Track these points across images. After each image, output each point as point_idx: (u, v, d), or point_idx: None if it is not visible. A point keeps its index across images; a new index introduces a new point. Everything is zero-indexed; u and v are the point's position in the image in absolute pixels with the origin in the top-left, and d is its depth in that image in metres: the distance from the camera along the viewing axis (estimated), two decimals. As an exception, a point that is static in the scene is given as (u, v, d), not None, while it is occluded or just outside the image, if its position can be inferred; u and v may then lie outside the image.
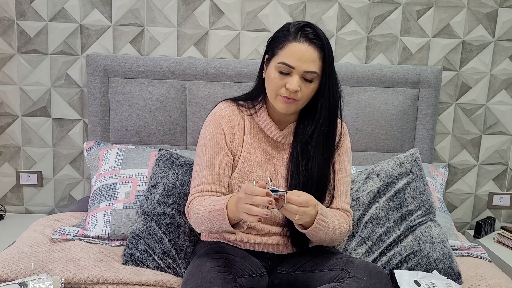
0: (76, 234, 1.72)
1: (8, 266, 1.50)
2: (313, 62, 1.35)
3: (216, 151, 1.46)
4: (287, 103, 1.38)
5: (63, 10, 2.18)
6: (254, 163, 1.48)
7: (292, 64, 1.35)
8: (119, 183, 1.86)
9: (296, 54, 1.34)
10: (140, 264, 1.62)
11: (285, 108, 1.40)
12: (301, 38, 1.35)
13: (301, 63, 1.34)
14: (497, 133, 2.36)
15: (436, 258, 1.62)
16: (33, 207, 2.37)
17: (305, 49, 1.34)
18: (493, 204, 2.43)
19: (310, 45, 1.35)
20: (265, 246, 1.49)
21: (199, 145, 1.50)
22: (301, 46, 1.35)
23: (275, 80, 1.38)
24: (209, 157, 1.45)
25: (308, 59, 1.34)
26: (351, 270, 1.31)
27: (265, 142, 1.50)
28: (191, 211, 1.43)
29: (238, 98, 1.55)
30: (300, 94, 1.37)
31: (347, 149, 1.54)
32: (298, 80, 1.35)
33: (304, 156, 1.45)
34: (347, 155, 1.53)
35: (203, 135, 1.49)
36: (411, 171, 1.74)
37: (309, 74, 1.36)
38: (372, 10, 2.22)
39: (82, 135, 2.29)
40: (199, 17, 2.20)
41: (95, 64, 2.12)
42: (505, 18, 2.24)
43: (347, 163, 1.53)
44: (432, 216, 1.72)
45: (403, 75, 2.17)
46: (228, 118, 1.48)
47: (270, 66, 1.40)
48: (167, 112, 2.14)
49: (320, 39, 1.36)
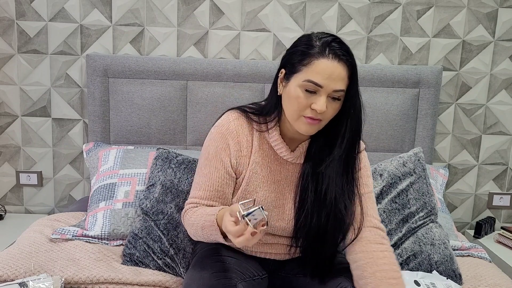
0: (75, 234, 1.73)
1: (8, 266, 1.50)
2: (342, 80, 1.25)
3: (217, 169, 1.36)
4: (311, 124, 1.27)
5: (63, 10, 2.18)
6: (259, 183, 1.39)
7: (321, 82, 1.23)
8: (118, 183, 1.86)
9: (325, 72, 1.22)
10: (139, 263, 1.62)
11: (308, 130, 1.29)
12: (329, 54, 1.23)
13: (330, 81, 1.23)
14: (497, 133, 2.36)
15: (437, 260, 1.61)
16: (33, 207, 2.37)
17: (334, 66, 1.23)
18: (493, 204, 2.43)
19: (339, 62, 1.24)
20: (267, 254, 1.47)
21: (202, 157, 1.41)
22: (330, 63, 1.23)
23: (299, 99, 1.26)
24: (209, 172, 1.37)
25: (338, 77, 1.23)
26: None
27: (274, 161, 1.40)
28: (185, 222, 1.39)
29: (249, 110, 1.42)
30: (325, 114, 1.27)
31: (365, 163, 1.43)
32: (325, 100, 1.24)
33: (315, 176, 1.35)
34: (366, 169, 1.43)
35: (207, 148, 1.39)
36: (415, 171, 1.73)
37: (336, 93, 1.25)
38: (372, 10, 2.22)
39: (82, 135, 2.29)
40: (199, 17, 2.20)
41: (95, 64, 2.12)
42: (505, 18, 2.24)
43: (367, 178, 1.42)
44: (434, 218, 1.71)
45: (403, 75, 2.16)
46: (236, 133, 1.37)
47: (292, 84, 1.27)
48: (167, 112, 2.14)
49: (349, 55, 1.26)
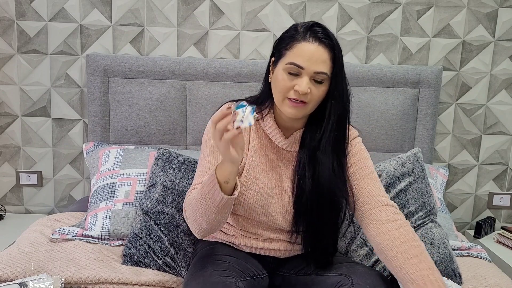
0: (75, 234, 1.72)
1: (8, 266, 1.50)
2: (323, 63, 1.28)
3: None
4: (295, 107, 1.31)
5: (63, 10, 2.18)
6: (259, 170, 1.41)
7: (302, 64, 1.27)
8: (118, 183, 1.86)
9: (305, 54, 1.27)
10: (139, 263, 1.62)
11: (294, 113, 1.32)
12: (310, 37, 1.28)
13: (310, 63, 1.27)
14: (497, 133, 2.36)
15: (436, 260, 1.61)
16: (33, 207, 2.37)
17: (315, 48, 1.27)
18: (493, 204, 2.43)
19: (320, 44, 1.28)
20: (267, 250, 1.47)
21: (203, 146, 1.43)
22: (310, 45, 1.28)
23: (283, 82, 1.30)
24: (213, 157, 1.38)
25: (318, 59, 1.27)
26: (354, 277, 1.30)
27: (270, 149, 1.44)
28: (186, 204, 1.36)
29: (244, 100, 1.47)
30: (309, 97, 1.30)
31: (360, 147, 1.46)
32: (307, 82, 1.28)
33: (311, 164, 1.38)
34: (362, 152, 1.45)
35: (207, 135, 1.42)
36: (413, 171, 1.73)
37: (319, 75, 1.28)
38: (372, 10, 2.22)
39: (82, 135, 2.29)
40: (199, 17, 2.20)
41: (95, 64, 2.11)
42: (505, 18, 2.24)
43: (365, 160, 1.43)
44: (433, 217, 1.71)
45: (403, 75, 2.17)
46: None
47: (278, 68, 1.33)
48: (167, 112, 2.14)
49: (330, 39, 1.29)
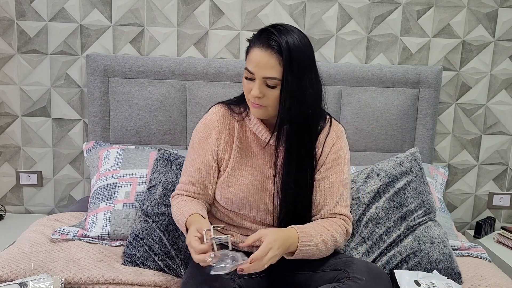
0: (76, 234, 1.72)
1: (8, 266, 1.50)
2: (272, 68, 1.30)
3: (199, 155, 1.49)
4: (256, 108, 1.37)
5: (63, 10, 2.18)
6: (245, 167, 1.48)
7: (252, 70, 1.32)
8: (118, 183, 1.86)
9: (254, 59, 1.32)
10: (140, 264, 1.62)
11: (258, 114, 1.39)
12: (260, 43, 1.31)
13: (258, 69, 1.31)
14: (497, 133, 2.36)
15: (436, 258, 1.61)
16: (33, 207, 2.37)
17: (261, 55, 1.30)
18: (493, 204, 2.43)
19: (267, 50, 1.30)
20: None
21: (189, 146, 1.55)
22: (258, 51, 1.31)
23: (244, 86, 1.38)
24: (193, 159, 1.50)
25: (266, 65, 1.30)
26: (351, 271, 1.30)
27: (256, 146, 1.48)
28: (172, 205, 1.53)
29: (231, 101, 1.53)
30: (265, 100, 1.34)
31: (344, 151, 1.48)
32: (259, 86, 1.32)
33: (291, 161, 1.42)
34: (344, 157, 1.48)
35: (193, 137, 1.54)
36: (411, 170, 1.73)
37: (269, 80, 1.31)
38: (372, 10, 2.22)
39: (82, 135, 2.29)
40: (199, 17, 2.20)
41: (95, 64, 2.11)
42: (505, 18, 2.24)
43: (344, 166, 1.48)
44: (432, 216, 1.72)
45: (403, 75, 2.17)
46: (217, 122, 1.49)
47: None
48: (167, 112, 2.14)
49: (277, 43, 1.29)
